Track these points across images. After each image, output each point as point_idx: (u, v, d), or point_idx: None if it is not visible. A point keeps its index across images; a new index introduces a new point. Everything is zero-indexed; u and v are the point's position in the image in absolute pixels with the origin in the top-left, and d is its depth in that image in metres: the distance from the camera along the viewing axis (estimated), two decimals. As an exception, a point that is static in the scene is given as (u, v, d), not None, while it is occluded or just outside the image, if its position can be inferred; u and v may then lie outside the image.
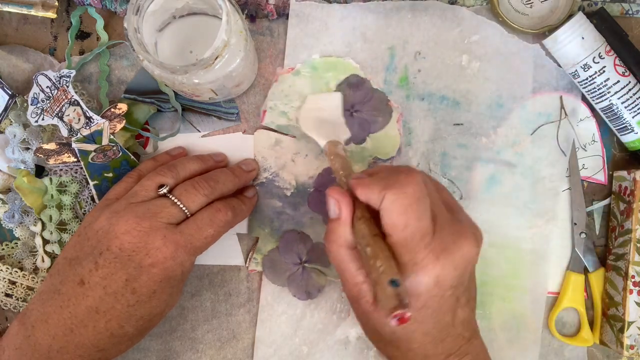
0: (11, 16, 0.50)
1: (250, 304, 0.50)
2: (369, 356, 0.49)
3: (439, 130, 0.50)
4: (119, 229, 0.39)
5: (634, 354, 0.47)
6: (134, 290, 0.39)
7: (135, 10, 0.39)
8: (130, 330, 0.40)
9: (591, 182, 0.51)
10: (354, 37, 0.50)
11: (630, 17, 0.50)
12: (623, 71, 0.46)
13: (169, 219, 0.40)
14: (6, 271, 0.48)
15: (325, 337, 0.49)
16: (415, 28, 0.50)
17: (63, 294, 0.39)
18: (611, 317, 0.49)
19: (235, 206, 0.44)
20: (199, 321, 0.50)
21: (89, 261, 0.39)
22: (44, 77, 0.45)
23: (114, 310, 0.39)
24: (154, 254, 0.39)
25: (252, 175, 0.48)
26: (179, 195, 0.41)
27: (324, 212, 0.49)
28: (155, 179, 0.42)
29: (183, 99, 0.49)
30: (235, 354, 0.50)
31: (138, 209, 0.40)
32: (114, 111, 0.46)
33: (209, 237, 0.41)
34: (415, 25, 0.50)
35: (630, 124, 0.47)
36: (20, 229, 0.49)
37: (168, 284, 0.40)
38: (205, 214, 0.42)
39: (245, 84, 0.48)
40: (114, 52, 0.50)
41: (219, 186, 0.43)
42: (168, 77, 0.40)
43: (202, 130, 0.50)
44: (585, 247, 0.50)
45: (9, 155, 0.48)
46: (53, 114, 0.45)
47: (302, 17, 0.49)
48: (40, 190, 0.47)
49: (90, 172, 0.46)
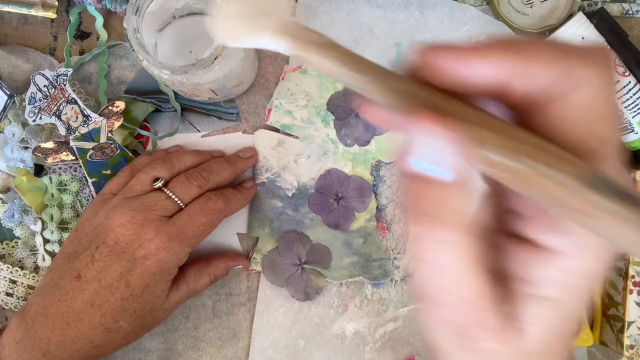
0: (11, 16, 0.50)
1: (251, 304, 0.50)
2: (364, 351, 0.49)
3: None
4: (114, 222, 0.40)
5: (634, 354, 0.47)
6: (127, 283, 0.39)
7: (135, 10, 0.39)
8: (124, 325, 0.40)
9: (591, 182, 0.51)
10: (360, 32, 0.50)
11: (630, 17, 0.50)
12: (623, 71, 0.46)
13: (163, 211, 0.41)
14: (7, 270, 0.48)
15: (322, 331, 0.49)
16: (422, 25, 0.50)
17: (61, 288, 0.40)
18: (611, 317, 0.49)
19: (228, 195, 0.44)
20: (201, 320, 0.50)
21: (86, 255, 0.40)
22: (42, 76, 0.45)
23: (108, 304, 0.39)
24: (147, 245, 0.39)
25: (249, 162, 0.48)
26: (173, 188, 0.42)
27: (324, 213, 0.49)
28: (150, 172, 0.43)
29: (183, 99, 0.49)
30: (236, 352, 0.50)
31: (133, 202, 0.40)
32: (112, 109, 0.46)
33: (201, 225, 0.41)
34: (422, 23, 0.50)
35: (630, 123, 0.47)
36: (20, 228, 0.49)
37: (162, 277, 0.40)
38: (196, 204, 0.42)
39: (245, 83, 0.48)
40: (113, 52, 0.50)
41: (213, 176, 0.44)
42: (167, 77, 0.40)
43: (202, 130, 0.50)
44: (585, 247, 0.50)
45: (8, 154, 0.48)
46: (51, 113, 0.45)
47: (309, 11, 0.49)
48: (40, 189, 0.48)
49: (89, 170, 0.47)
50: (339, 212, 0.49)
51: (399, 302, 0.50)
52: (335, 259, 0.49)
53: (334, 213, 0.49)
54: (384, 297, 0.50)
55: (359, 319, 0.50)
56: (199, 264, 0.46)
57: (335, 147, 0.49)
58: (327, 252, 0.49)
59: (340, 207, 0.49)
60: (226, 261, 0.47)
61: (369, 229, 0.49)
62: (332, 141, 0.49)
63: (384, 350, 0.49)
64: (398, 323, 0.50)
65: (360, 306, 0.50)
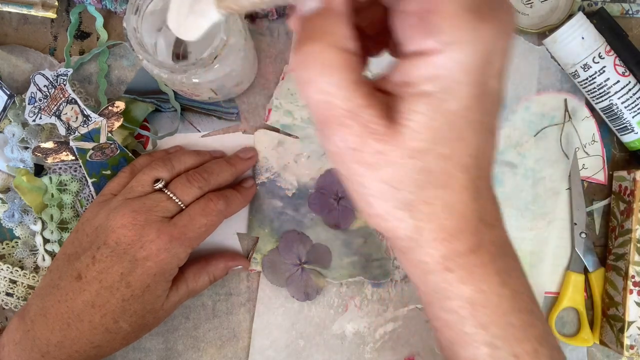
0: (11, 16, 0.50)
1: (251, 304, 0.50)
2: (364, 351, 0.49)
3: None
4: (115, 223, 0.40)
5: (634, 354, 0.47)
6: (128, 284, 0.39)
7: (135, 10, 0.39)
8: (124, 326, 0.40)
9: (591, 182, 0.51)
10: (361, 31, 0.50)
11: (630, 17, 0.50)
12: (623, 71, 0.46)
13: (164, 212, 0.41)
14: (7, 270, 0.48)
15: (322, 331, 0.49)
16: None
17: (61, 289, 0.40)
18: (611, 317, 0.48)
19: (228, 195, 0.44)
20: (201, 320, 0.50)
21: (86, 256, 0.40)
22: (42, 76, 0.45)
23: (109, 305, 0.39)
24: (148, 246, 0.39)
25: (249, 162, 0.48)
26: (174, 189, 0.42)
27: (324, 213, 0.49)
28: (150, 173, 0.43)
29: (183, 99, 0.49)
30: (236, 352, 0.50)
31: (134, 203, 0.40)
32: (112, 109, 0.46)
33: (202, 226, 0.41)
34: None
35: (630, 123, 0.47)
36: (20, 228, 0.49)
37: (163, 278, 0.40)
38: (197, 205, 0.42)
39: (245, 83, 0.48)
40: (113, 52, 0.50)
41: (213, 177, 0.44)
42: (167, 77, 0.40)
43: (202, 130, 0.50)
44: (585, 247, 0.50)
45: (8, 154, 0.48)
46: (51, 113, 0.45)
47: None
48: (40, 189, 0.48)
49: (89, 170, 0.47)
50: (339, 212, 0.49)
51: (399, 302, 0.50)
52: (335, 258, 0.49)
53: (334, 213, 0.49)
54: (384, 297, 0.50)
55: (359, 319, 0.50)
56: (198, 264, 0.46)
57: (335, 147, 0.49)
58: (327, 252, 0.49)
59: (340, 207, 0.49)
60: (225, 261, 0.47)
61: (369, 229, 0.49)
62: (332, 141, 0.49)
63: (384, 350, 0.49)
64: (398, 323, 0.50)
65: (360, 306, 0.50)
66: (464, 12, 0.22)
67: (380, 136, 0.23)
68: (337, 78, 0.23)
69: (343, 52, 0.23)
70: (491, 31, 0.22)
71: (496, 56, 0.23)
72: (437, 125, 0.23)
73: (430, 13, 0.22)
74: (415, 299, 0.50)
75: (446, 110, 0.23)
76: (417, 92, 0.23)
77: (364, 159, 0.24)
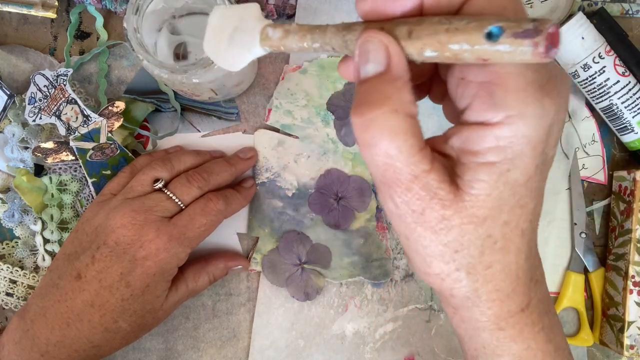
0: (11, 16, 0.50)
1: (251, 304, 0.50)
2: (364, 351, 0.49)
3: (443, 129, 0.50)
4: (115, 223, 0.40)
5: (634, 354, 0.47)
6: (128, 283, 0.39)
7: (135, 10, 0.39)
8: (123, 325, 0.40)
9: (591, 182, 0.51)
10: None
11: (630, 17, 0.50)
12: (623, 71, 0.46)
13: (163, 212, 0.41)
14: (7, 270, 0.48)
15: (322, 331, 0.49)
16: None
17: (61, 288, 0.40)
18: (611, 317, 0.49)
19: (228, 195, 0.44)
20: (201, 320, 0.50)
21: (86, 255, 0.40)
22: (42, 76, 0.45)
23: (108, 304, 0.39)
24: (148, 246, 0.39)
25: (249, 162, 0.48)
26: (174, 189, 0.42)
27: (324, 213, 0.49)
28: (150, 173, 0.43)
29: (183, 99, 0.49)
30: (236, 352, 0.50)
31: (134, 203, 0.41)
32: (112, 109, 0.46)
33: (201, 226, 0.42)
34: None
35: (630, 123, 0.47)
36: (20, 228, 0.49)
37: (162, 277, 0.40)
38: (197, 205, 0.42)
39: (245, 83, 0.48)
40: (113, 52, 0.50)
41: (213, 177, 0.44)
42: (167, 77, 0.40)
43: (202, 130, 0.50)
44: (585, 247, 0.50)
45: (8, 154, 0.48)
46: (51, 113, 0.45)
47: (309, 11, 0.49)
48: (40, 189, 0.48)
49: (89, 170, 0.47)
50: (339, 212, 0.49)
51: (399, 302, 0.50)
52: (335, 258, 0.49)
53: (334, 213, 0.49)
54: (384, 297, 0.50)
55: (359, 319, 0.50)
56: (198, 264, 0.46)
57: (335, 147, 0.49)
58: (327, 252, 0.49)
59: (340, 207, 0.49)
60: (225, 261, 0.47)
61: (369, 229, 0.49)
62: (332, 141, 0.49)
63: (384, 350, 0.49)
64: (398, 323, 0.50)
65: (360, 306, 0.50)
66: (530, 87, 0.22)
67: (444, 201, 0.24)
68: (402, 143, 0.23)
69: (407, 118, 0.23)
70: (555, 106, 0.23)
71: (556, 127, 0.24)
72: (500, 194, 0.24)
73: (496, 86, 0.23)
74: (415, 299, 0.50)
75: (510, 180, 0.24)
76: (482, 161, 0.24)
77: (427, 222, 0.25)
